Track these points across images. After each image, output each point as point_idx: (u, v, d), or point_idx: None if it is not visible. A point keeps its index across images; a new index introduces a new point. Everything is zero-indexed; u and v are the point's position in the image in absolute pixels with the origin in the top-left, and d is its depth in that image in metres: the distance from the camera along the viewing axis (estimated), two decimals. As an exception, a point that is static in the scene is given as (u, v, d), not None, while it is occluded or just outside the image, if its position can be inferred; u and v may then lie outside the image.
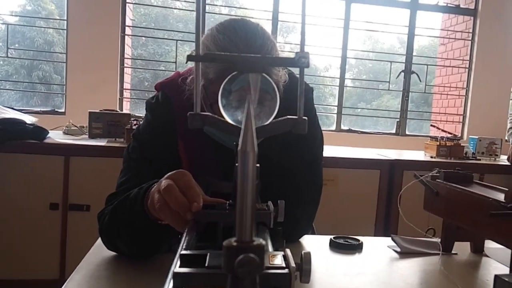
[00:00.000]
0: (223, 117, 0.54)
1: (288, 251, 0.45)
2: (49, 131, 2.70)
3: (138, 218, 0.90)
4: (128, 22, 3.75)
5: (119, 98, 3.69)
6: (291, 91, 0.92)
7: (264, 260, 0.31)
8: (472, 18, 4.29)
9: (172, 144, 1.14)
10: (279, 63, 0.77)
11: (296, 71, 0.52)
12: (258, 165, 0.57)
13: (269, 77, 0.54)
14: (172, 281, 0.43)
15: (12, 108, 3.01)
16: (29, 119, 2.74)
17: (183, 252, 0.49)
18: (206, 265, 0.44)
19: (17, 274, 2.48)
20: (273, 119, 0.53)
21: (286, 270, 0.42)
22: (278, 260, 0.44)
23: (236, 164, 0.64)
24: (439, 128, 4.51)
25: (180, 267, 0.45)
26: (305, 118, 0.49)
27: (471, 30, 4.29)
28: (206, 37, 1.03)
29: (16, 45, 4.85)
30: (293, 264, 0.42)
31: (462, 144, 3.24)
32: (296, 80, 0.49)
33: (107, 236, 1.03)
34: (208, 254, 0.46)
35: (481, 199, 1.03)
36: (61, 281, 0.87)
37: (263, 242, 0.30)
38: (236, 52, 0.95)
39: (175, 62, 3.90)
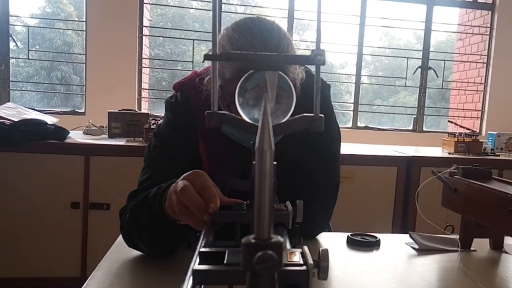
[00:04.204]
0: (240, 116, 0.55)
1: (306, 248, 0.46)
2: (70, 131, 2.74)
3: (156, 219, 0.91)
4: (145, 22, 3.78)
5: (138, 98, 3.72)
6: (308, 88, 0.92)
7: (282, 257, 0.32)
8: (489, 12, 4.22)
9: (192, 143, 1.15)
10: (295, 61, 0.77)
11: (312, 68, 0.52)
12: (275, 163, 0.58)
13: (285, 75, 0.55)
14: (191, 278, 0.44)
15: (33, 109, 3.07)
16: (50, 119, 2.79)
17: (202, 249, 0.50)
18: (225, 262, 0.44)
19: (40, 272, 2.53)
20: (290, 116, 0.54)
21: (304, 267, 0.42)
22: (296, 257, 0.44)
23: (253, 162, 0.64)
24: (457, 124, 4.46)
25: (199, 264, 0.46)
26: (322, 115, 0.50)
27: (489, 25, 4.22)
28: (222, 37, 1.04)
29: (37, 47, 4.92)
30: (311, 261, 0.43)
31: (480, 140, 3.20)
32: (313, 77, 0.50)
33: (127, 234, 1.04)
34: (227, 251, 0.47)
35: (501, 195, 1.02)
36: (82, 279, 0.89)
37: (281, 239, 0.31)
38: (252, 51, 0.96)
39: (192, 62, 3.92)
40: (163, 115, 1.26)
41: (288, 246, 0.58)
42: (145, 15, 3.78)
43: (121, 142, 2.69)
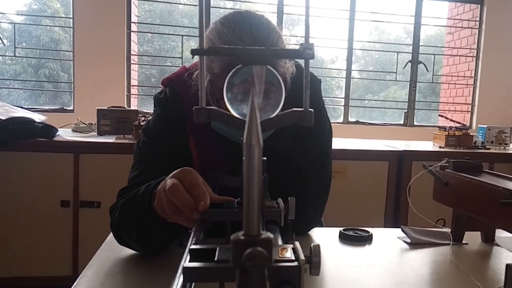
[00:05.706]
0: (229, 111, 0.53)
1: (297, 244, 0.45)
2: (58, 129, 2.72)
3: (146, 218, 0.90)
4: (133, 18, 3.75)
5: (127, 95, 3.70)
6: (299, 83, 0.91)
7: (272, 253, 0.31)
8: (479, 6, 4.24)
9: (182, 139, 1.14)
10: (284, 55, 0.76)
11: (302, 63, 0.51)
12: (265, 158, 0.57)
13: (275, 69, 0.54)
14: (182, 276, 0.43)
15: (21, 107, 3.04)
16: (38, 117, 2.76)
17: (193, 246, 0.49)
18: (216, 259, 0.44)
19: (30, 271, 2.51)
20: (280, 111, 0.53)
21: (295, 263, 0.42)
22: (288, 253, 0.44)
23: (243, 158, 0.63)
24: (447, 118, 4.48)
25: (189, 261, 0.45)
26: (311, 110, 0.49)
27: (478, 19, 4.24)
28: (211, 31, 1.02)
29: (24, 44, 4.87)
30: (302, 257, 0.42)
31: (471, 134, 3.22)
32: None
33: (117, 231, 1.03)
34: (218, 248, 0.46)
35: (491, 188, 1.02)
36: (74, 277, 0.88)
37: (271, 236, 0.30)
38: (241, 45, 0.94)
39: (181, 58, 3.90)
40: (152, 111, 1.24)
41: (280, 242, 0.57)
42: (133, 11, 3.75)
43: (110, 139, 2.68)
